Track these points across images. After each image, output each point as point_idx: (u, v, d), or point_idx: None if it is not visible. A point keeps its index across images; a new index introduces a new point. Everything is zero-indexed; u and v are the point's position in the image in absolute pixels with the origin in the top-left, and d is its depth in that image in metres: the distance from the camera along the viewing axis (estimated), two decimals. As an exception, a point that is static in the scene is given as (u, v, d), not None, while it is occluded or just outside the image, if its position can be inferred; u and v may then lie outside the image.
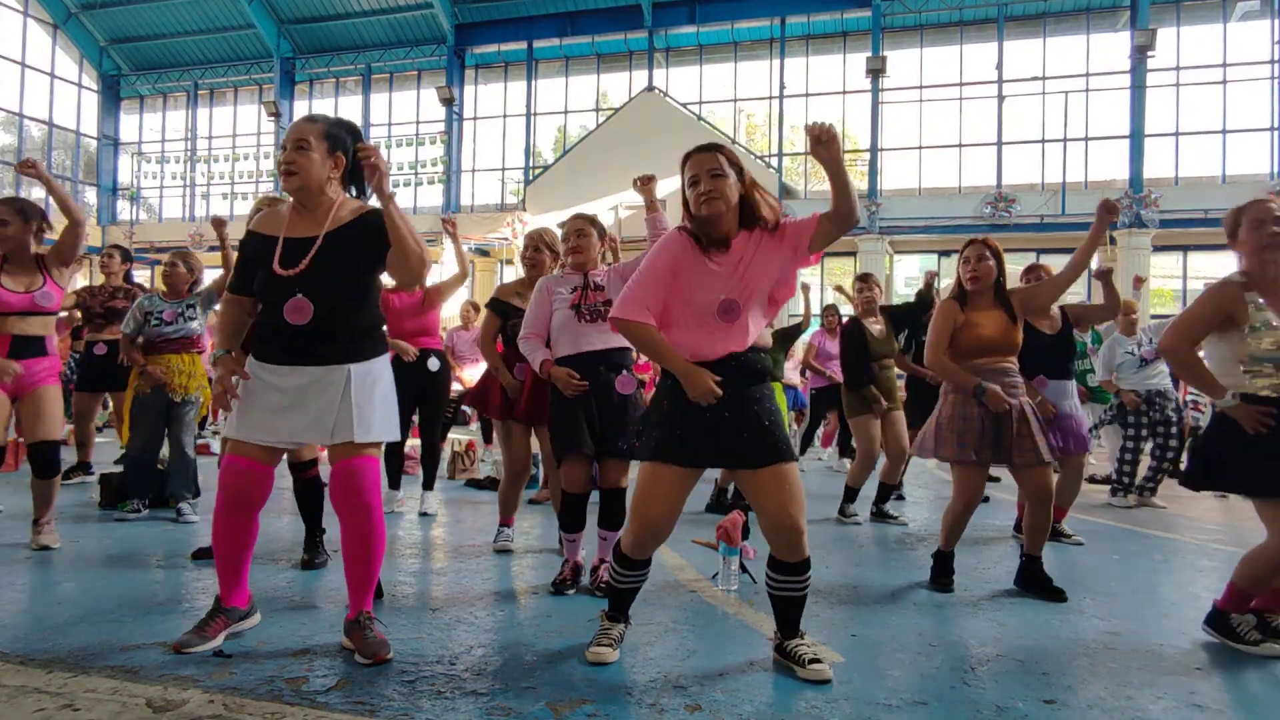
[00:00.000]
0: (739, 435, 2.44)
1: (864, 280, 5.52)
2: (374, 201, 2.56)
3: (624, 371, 3.44)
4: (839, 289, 6.62)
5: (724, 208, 2.43)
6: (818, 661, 2.45)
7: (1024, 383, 3.72)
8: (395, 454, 5.36)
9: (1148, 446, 6.42)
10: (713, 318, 2.44)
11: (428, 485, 5.34)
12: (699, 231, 2.48)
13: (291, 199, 2.64)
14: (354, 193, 2.72)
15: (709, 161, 2.45)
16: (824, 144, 2.28)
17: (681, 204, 2.52)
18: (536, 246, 4.01)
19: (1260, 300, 2.85)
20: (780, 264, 2.48)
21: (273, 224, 2.63)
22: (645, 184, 3.33)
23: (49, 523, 3.98)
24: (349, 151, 2.62)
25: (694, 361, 2.44)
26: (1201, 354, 3.06)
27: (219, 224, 4.43)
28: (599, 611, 2.77)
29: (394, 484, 5.35)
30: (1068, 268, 3.87)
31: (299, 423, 2.55)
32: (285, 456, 3.67)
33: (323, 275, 2.51)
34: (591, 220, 3.60)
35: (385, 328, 4.55)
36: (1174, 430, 6.32)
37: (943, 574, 3.67)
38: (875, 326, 5.42)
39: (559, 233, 3.85)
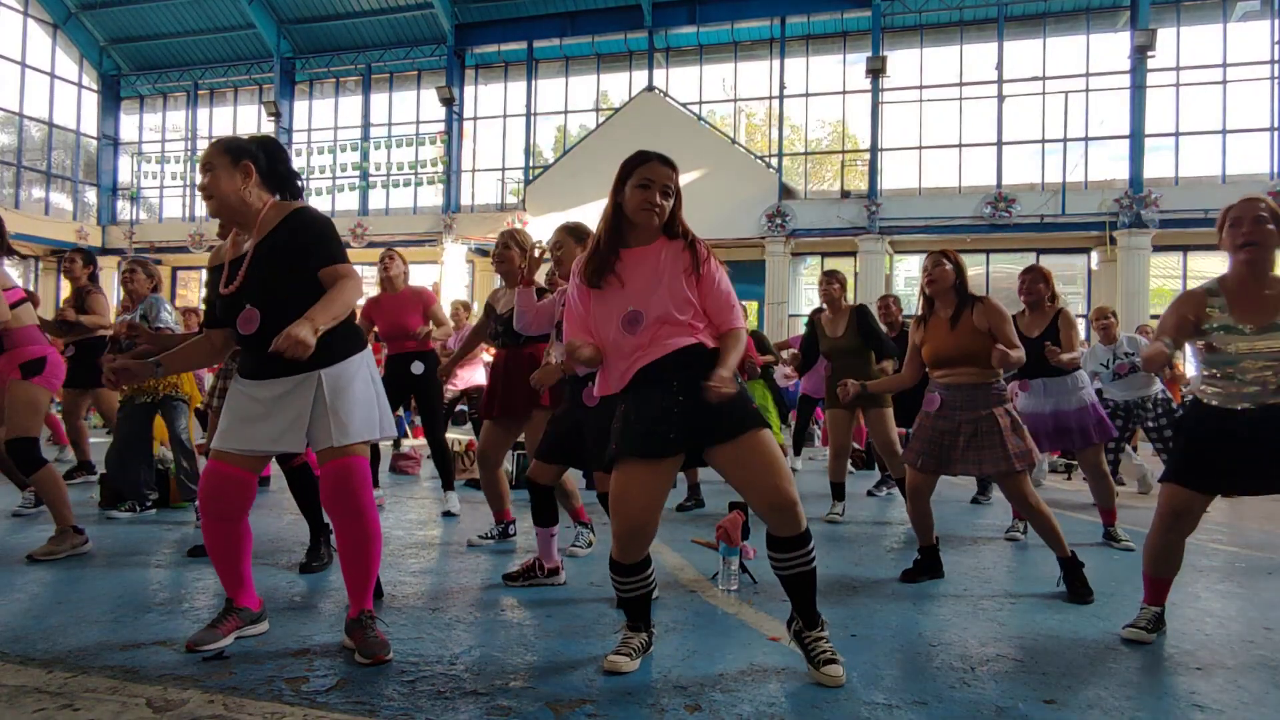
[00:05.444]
0: (702, 415, 2.43)
1: (827, 275, 5.61)
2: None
3: (589, 384, 3.43)
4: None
5: (657, 223, 2.54)
6: (834, 663, 2.42)
7: (1003, 389, 3.72)
8: (444, 453, 5.34)
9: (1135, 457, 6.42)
10: (619, 330, 2.50)
11: (448, 485, 5.35)
12: (615, 232, 2.56)
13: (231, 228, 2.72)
14: (282, 195, 2.73)
15: (669, 178, 2.54)
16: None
17: (610, 198, 2.57)
18: (505, 244, 4.06)
19: (1222, 303, 2.77)
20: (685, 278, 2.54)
21: (220, 255, 2.74)
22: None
23: (59, 533, 3.79)
24: (258, 155, 2.65)
25: (638, 364, 2.49)
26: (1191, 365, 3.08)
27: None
28: (621, 624, 2.68)
29: (448, 484, 5.35)
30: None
31: (274, 429, 2.59)
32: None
33: (261, 283, 2.56)
34: (571, 229, 3.60)
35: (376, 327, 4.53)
36: (1164, 423, 6.25)
37: (919, 571, 3.74)
38: (832, 322, 5.48)
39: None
